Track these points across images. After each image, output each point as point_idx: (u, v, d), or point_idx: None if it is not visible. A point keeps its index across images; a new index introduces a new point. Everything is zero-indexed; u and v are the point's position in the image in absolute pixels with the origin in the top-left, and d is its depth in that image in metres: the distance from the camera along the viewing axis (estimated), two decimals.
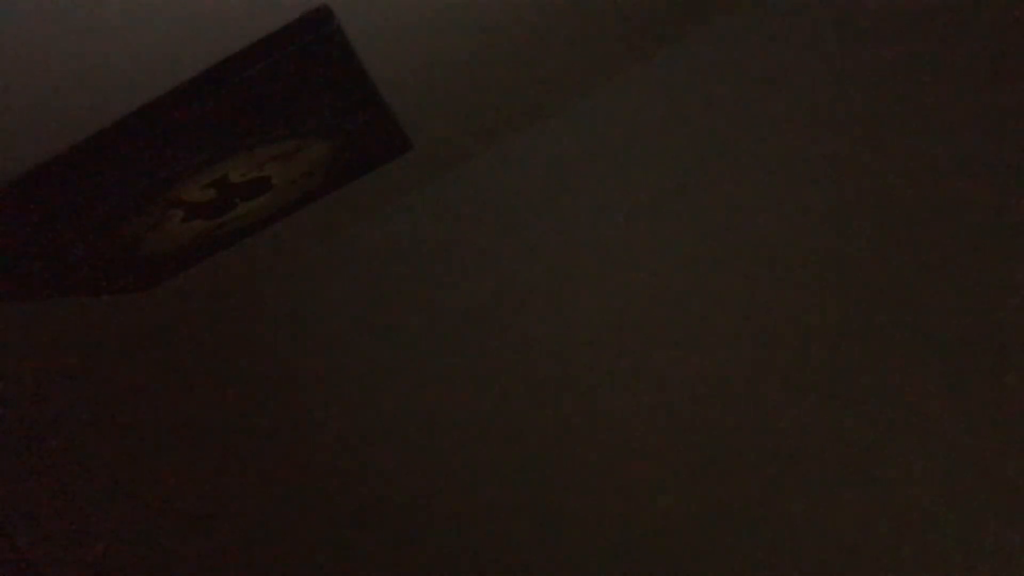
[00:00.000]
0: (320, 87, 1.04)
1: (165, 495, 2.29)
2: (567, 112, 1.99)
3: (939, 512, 1.95)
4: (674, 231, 2.01)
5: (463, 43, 1.22)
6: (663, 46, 1.90)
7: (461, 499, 2.21)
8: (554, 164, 2.02)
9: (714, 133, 1.95)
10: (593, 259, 2.05)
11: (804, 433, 2.02)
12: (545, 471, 2.16)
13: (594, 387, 2.11)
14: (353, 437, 2.21)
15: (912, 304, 1.93)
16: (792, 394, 2.02)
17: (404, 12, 1.00)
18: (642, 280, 2.04)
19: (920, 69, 1.85)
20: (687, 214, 2.00)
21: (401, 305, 2.13)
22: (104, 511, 2.28)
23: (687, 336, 2.04)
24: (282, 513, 2.28)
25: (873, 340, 1.96)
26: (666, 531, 2.12)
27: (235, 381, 2.21)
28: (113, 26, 0.70)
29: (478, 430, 2.17)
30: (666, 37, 1.83)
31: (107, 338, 1.93)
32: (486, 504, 2.20)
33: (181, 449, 2.27)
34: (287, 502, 2.27)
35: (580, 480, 2.15)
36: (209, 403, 2.23)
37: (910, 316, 1.93)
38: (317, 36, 0.90)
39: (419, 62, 1.19)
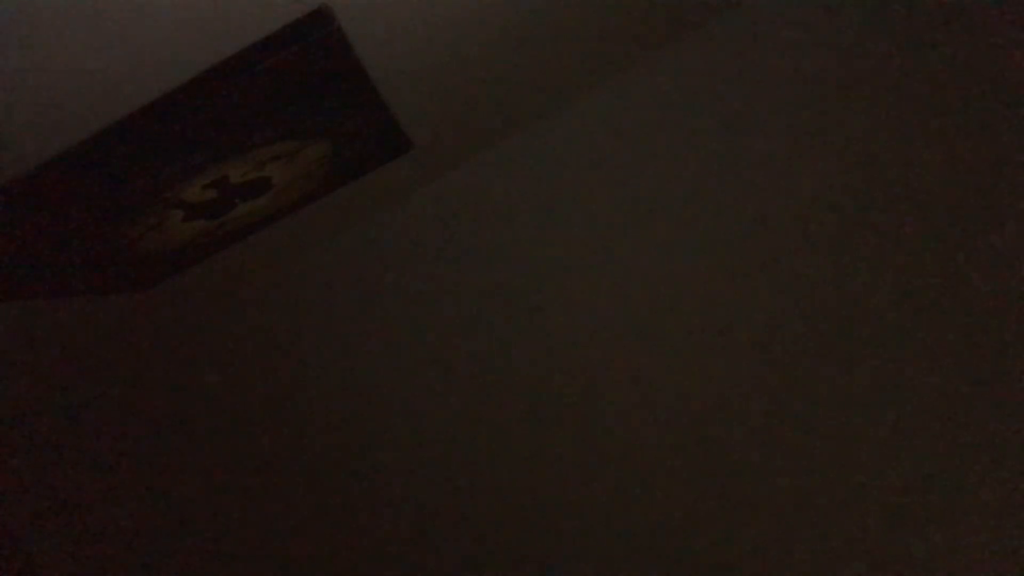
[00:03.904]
0: (320, 87, 1.04)
1: (165, 494, 2.29)
2: (567, 112, 1.99)
3: (937, 510, 1.96)
4: (674, 231, 2.01)
5: (463, 43, 1.22)
6: (662, 47, 1.90)
7: (459, 498, 2.21)
8: (554, 164, 2.02)
9: (714, 134, 1.95)
10: (592, 259, 2.05)
11: (800, 431, 2.02)
12: (544, 469, 2.16)
13: (594, 386, 2.11)
14: (353, 436, 2.21)
15: (909, 303, 1.93)
16: (789, 393, 2.02)
17: (404, 12, 1.00)
18: (642, 279, 2.04)
19: (913, 72, 1.85)
20: (687, 214, 2.00)
21: (401, 305, 2.13)
22: (104, 511, 2.28)
23: (687, 336, 2.04)
24: (282, 512, 2.28)
25: (870, 340, 1.96)
26: (663, 530, 2.12)
27: (235, 381, 2.21)
28: (114, 27, 0.70)
29: (477, 429, 2.17)
30: (665, 38, 1.83)
31: (107, 338, 1.93)
32: (482, 503, 2.20)
33: (181, 448, 2.27)
34: (287, 501, 2.27)
35: (578, 478, 2.15)
36: (209, 402, 2.23)
37: (907, 315, 1.93)
38: (317, 36, 0.90)
39: (419, 62, 1.19)
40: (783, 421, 2.04)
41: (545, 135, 2.01)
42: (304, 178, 1.43)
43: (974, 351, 1.91)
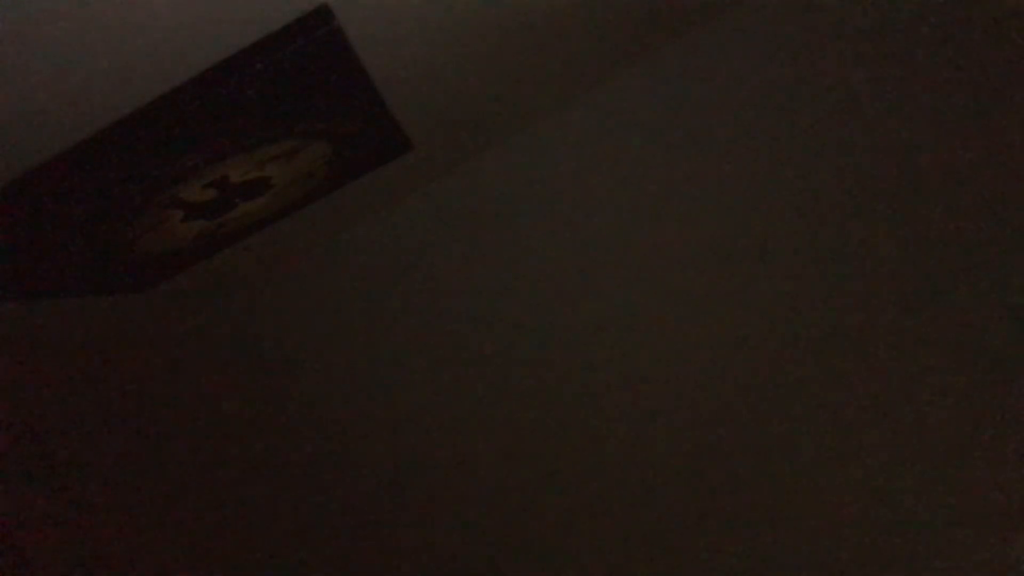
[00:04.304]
0: (320, 87, 1.04)
1: (165, 494, 2.29)
2: (567, 112, 1.99)
3: (937, 513, 1.95)
4: (673, 231, 2.01)
5: (463, 43, 1.22)
6: (662, 47, 1.90)
7: (458, 499, 2.21)
8: (554, 164, 2.02)
9: (714, 134, 1.95)
10: (592, 259, 2.05)
11: (798, 433, 2.02)
12: (543, 469, 2.16)
13: (594, 386, 2.11)
14: (353, 436, 2.21)
15: (909, 303, 1.93)
16: (787, 394, 2.02)
17: (404, 12, 1.00)
18: (642, 279, 2.04)
19: (913, 72, 1.85)
20: (686, 214, 2.00)
21: (400, 305, 2.13)
22: (104, 511, 2.28)
23: (687, 336, 2.04)
24: (282, 512, 2.28)
25: (870, 340, 1.96)
26: (663, 532, 2.12)
27: (235, 381, 2.21)
28: (114, 26, 0.70)
29: (477, 430, 2.17)
30: (664, 38, 1.83)
31: (107, 338, 1.93)
32: (481, 503, 2.20)
33: (181, 449, 2.27)
34: (287, 501, 2.27)
35: (577, 478, 2.15)
36: (209, 403, 2.23)
37: (906, 315, 1.93)
38: (317, 36, 0.90)
39: (419, 62, 1.19)
40: (784, 421, 2.04)
41: (545, 135, 2.01)
42: (304, 178, 1.43)
43: (975, 353, 1.91)
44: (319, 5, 0.85)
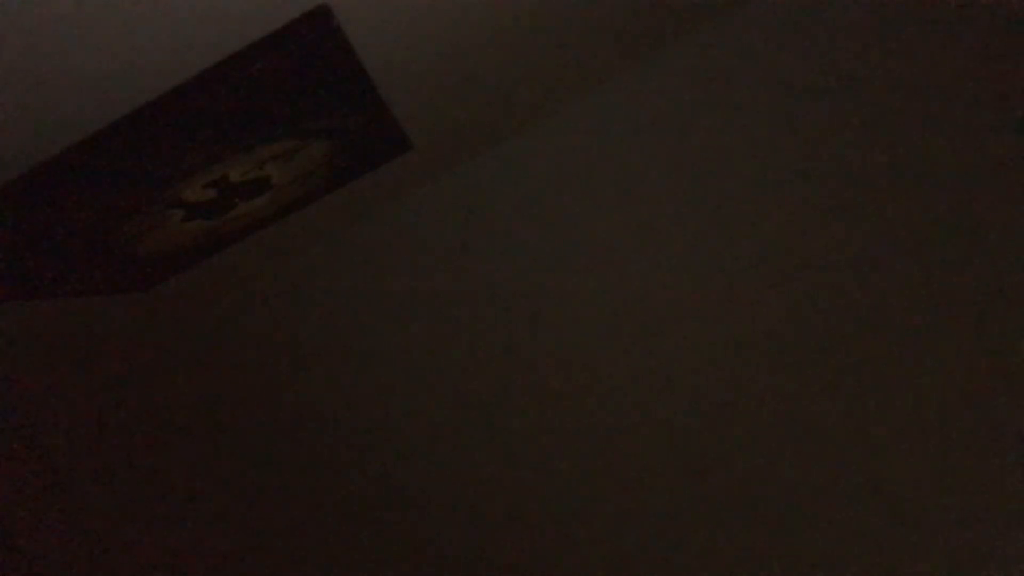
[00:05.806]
0: (320, 87, 1.04)
1: (164, 494, 2.29)
2: (567, 112, 1.99)
3: (938, 514, 1.96)
4: (672, 231, 2.01)
5: (463, 44, 1.22)
6: (663, 47, 1.90)
7: (458, 499, 2.20)
8: (554, 164, 2.02)
9: (713, 134, 1.95)
10: (592, 259, 2.05)
11: (796, 433, 2.02)
12: (541, 470, 2.16)
13: (591, 385, 2.11)
14: (352, 436, 2.21)
15: (907, 305, 1.93)
16: (787, 394, 2.02)
17: (404, 12, 1.00)
18: (640, 279, 2.04)
19: (914, 72, 1.85)
20: (686, 214, 2.00)
21: (400, 305, 2.13)
22: (104, 511, 2.28)
23: (685, 335, 2.04)
24: (280, 512, 2.28)
25: (869, 341, 1.96)
26: (663, 532, 2.12)
27: (234, 381, 2.21)
28: (114, 26, 0.70)
29: (476, 429, 2.17)
30: (665, 38, 1.83)
31: (107, 338, 1.93)
32: (483, 503, 2.20)
33: (180, 448, 2.27)
34: (286, 501, 2.27)
35: (577, 479, 2.15)
36: (208, 403, 2.23)
37: (909, 316, 1.93)
38: (317, 36, 0.90)
39: (419, 62, 1.19)
40: (782, 420, 2.04)
41: (544, 135, 2.01)
42: (304, 178, 1.43)
43: (976, 353, 1.91)
44: (319, 5, 0.85)
